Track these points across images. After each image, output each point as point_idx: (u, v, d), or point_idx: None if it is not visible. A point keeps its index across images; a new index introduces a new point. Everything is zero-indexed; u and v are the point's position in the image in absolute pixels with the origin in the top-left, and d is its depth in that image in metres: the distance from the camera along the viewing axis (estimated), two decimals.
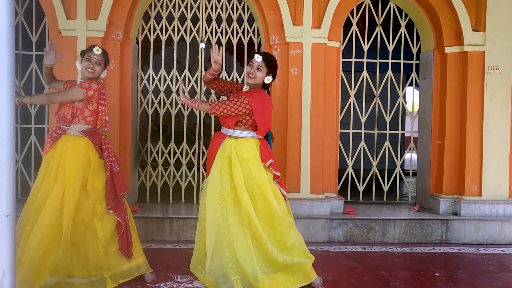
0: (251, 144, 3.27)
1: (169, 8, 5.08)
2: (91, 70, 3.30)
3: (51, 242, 3.06)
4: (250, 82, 3.30)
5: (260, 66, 3.26)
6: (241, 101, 3.19)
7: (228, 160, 3.25)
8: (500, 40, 4.76)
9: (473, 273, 3.76)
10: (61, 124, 3.29)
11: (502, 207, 4.79)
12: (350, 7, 4.95)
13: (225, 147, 3.29)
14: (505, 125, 4.80)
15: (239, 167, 3.20)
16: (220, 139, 3.35)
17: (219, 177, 3.24)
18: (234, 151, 3.24)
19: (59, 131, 3.29)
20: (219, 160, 3.27)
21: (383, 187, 5.37)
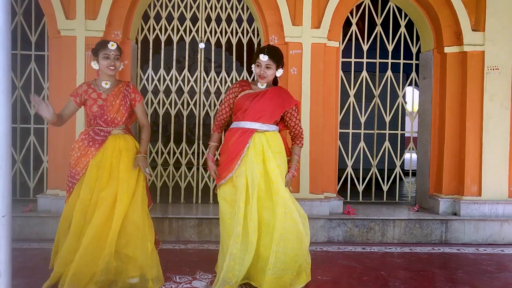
0: (280, 138, 3.31)
1: (168, 8, 5.07)
2: (113, 67, 3.28)
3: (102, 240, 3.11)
4: (263, 82, 3.29)
5: (269, 64, 3.24)
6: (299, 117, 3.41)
7: (262, 156, 3.19)
8: (500, 40, 4.76)
9: (473, 273, 3.76)
10: (103, 127, 3.31)
11: (502, 207, 4.78)
12: (349, 7, 4.94)
13: (256, 142, 3.20)
14: (504, 125, 4.79)
15: (273, 161, 3.18)
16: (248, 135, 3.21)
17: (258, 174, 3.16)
18: (266, 145, 3.21)
19: (103, 133, 3.31)
20: (254, 157, 3.17)
21: (383, 187, 5.37)
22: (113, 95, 3.32)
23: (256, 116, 3.22)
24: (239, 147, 3.19)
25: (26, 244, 4.24)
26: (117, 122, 3.33)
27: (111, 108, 3.30)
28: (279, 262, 3.05)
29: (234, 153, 3.20)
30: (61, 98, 4.60)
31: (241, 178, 3.16)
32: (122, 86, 3.38)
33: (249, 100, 3.25)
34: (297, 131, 3.39)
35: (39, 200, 4.64)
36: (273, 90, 3.31)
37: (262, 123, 3.23)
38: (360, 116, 5.30)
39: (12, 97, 4.93)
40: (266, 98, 3.24)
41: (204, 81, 5.18)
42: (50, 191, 4.67)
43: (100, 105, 3.29)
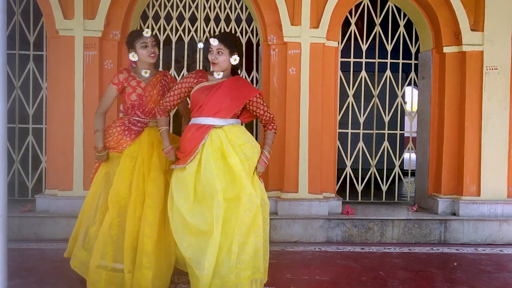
0: (241, 129, 3.13)
1: (167, 8, 5.06)
2: (153, 54, 3.26)
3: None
4: (216, 69, 3.08)
5: (220, 49, 3.03)
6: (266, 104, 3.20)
7: (220, 152, 3.01)
8: (499, 40, 4.75)
9: (471, 273, 3.75)
10: (141, 117, 3.26)
11: (501, 207, 4.78)
12: (348, 6, 4.93)
13: (213, 139, 3.01)
14: (503, 125, 4.79)
15: (235, 156, 2.99)
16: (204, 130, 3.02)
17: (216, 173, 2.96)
18: (225, 140, 3.01)
19: (140, 124, 3.26)
20: (210, 155, 2.98)
21: (382, 187, 5.36)
22: (151, 85, 3.27)
23: (212, 111, 3.00)
24: (193, 143, 2.99)
25: (24, 245, 4.23)
26: (155, 113, 3.25)
27: (150, 99, 3.25)
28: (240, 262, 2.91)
29: (188, 150, 3.00)
30: (59, 98, 4.61)
31: (190, 175, 2.98)
32: (160, 76, 3.34)
33: (205, 94, 3.02)
34: (267, 117, 3.18)
35: (38, 200, 4.64)
36: (229, 81, 3.07)
37: (219, 118, 3.01)
38: (359, 116, 5.29)
39: (11, 97, 4.93)
40: (223, 91, 3.02)
41: None
42: (49, 191, 4.66)
43: (139, 94, 3.25)
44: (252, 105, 3.13)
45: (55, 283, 3.30)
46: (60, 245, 4.24)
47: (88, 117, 4.50)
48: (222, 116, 3.02)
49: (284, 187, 4.69)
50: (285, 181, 4.64)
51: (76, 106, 4.52)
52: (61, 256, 3.70)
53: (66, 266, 3.37)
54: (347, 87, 5.25)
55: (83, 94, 4.52)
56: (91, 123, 4.47)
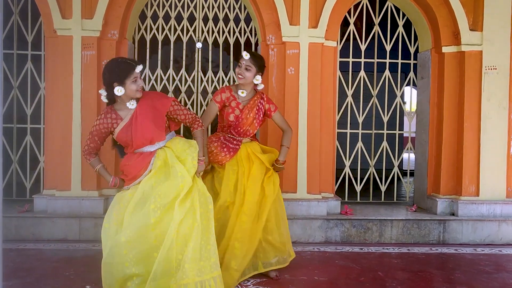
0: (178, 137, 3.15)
1: (165, 8, 5.05)
2: (241, 76, 3.36)
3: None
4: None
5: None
6: (184, 107, 3.19)
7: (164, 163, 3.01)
8: (498, 40, 4.75)
9: (470, 274, 3.75)
10: (235, 136, 3.44)
11: (500, 207, 4.78)
12: (347, 6, 4.93)
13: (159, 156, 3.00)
14: (502, 125, 4.78)
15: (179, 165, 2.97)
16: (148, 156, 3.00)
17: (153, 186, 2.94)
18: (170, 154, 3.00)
19: (235, 142, 3.44)
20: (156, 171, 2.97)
21: (381, 187, 5.36)
22: (248, 108, 3.43)
23: (146, 142, 2.96)
24: (137, 168, 2.97)
25: (22, 245, 4.22)
26: (250, 134, 3.48)
27: (245, 121, 3.40)
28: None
29: (133, 174, 2.97)
30: (57, 98, 4.60)
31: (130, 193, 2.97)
32: (257, 99, 3.47)
33: (129, 133, 2.94)
34: (189, 119, 3.14)
35: (35, 201, 4.63)
36: (140, 108, 2.95)
37: (158, 142, 2.99)
38: (358, 116, 5.29)
39: (9, 97, 4.92)
40: (142, 122, 2.92)
41: (202, 81, 5.16)
42: (47, 192, 4.65)
43: (237, 115, 3.40)
44: (172, 114, 3.07)
45: (53, 284, 3.29)
46: (58, 245, 4.24)
47: (86, 117, 4.49)
48: (157, 140, 2.98)
49: (282, 187, 4.65)
50: (284, 181, 4.63)
51: (74, 106, 4.50)
52: (59, 257, 3.70)
53: (64, 266, 3.37)
54: (346, 87, 5.24)
55: (81, 94, 4.51)
56: (89, 123, 4.48)
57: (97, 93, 4.50)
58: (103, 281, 2.85)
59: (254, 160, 3.44)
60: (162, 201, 2.84)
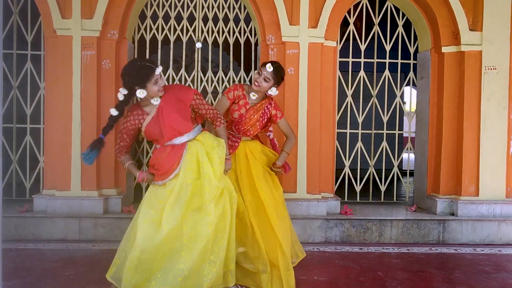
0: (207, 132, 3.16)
1: (165, 8, 5.05)
2: (257, 84, 3.38)
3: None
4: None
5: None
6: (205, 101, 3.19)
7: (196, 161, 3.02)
8: (497, 40, 4.75)
9: (470, 274, 3.75)
10: (235, 133, 3.47)
11: (499, 207, 4.78)
12: (347, 6, 4.93)
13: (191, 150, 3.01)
14: (502, 125, 4.78)
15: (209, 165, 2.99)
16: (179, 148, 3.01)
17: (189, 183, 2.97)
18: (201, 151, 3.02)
19: (235, 139, 3.47)
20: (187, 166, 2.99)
21: (380, 187, 5.36)
22: (254, 110, 3.44)
23: (176, 134, 2.97)
24: (171, 162, 2.97)
25: (22, 245, 4.22)
26: (249, 134, 3.48)
27: (248, 121, 3.42)
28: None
29: (166, 168, 2.96)
30: (57, 98, 4.60)
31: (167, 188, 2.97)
32: (265, 103, 3.49)
33: (158, 126, 2.96)
34: (210, 114, 3.13)
35: (35, 200, 4.62)
36: (164, 102, 2.97)
37: (188, 133, 3.01)
38: (357, 116, 5.29)
39: (8, 97, 4.92)
40: (168, 115, 2.94)
41: (201, 81, 5.16)
42: (46, 191, 4.65)
43: (242, 114, 3.41)
44: (194, 107, 3.08)
45: (52, 284, 3.29)
46: (57, 245, 4.24)
47: (86, 117, 4.50)
48: (185, 131, 2.99)
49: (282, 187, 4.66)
50: (284, 181, 4.61)
51: (74, 106, 4.50)
52: (59, 257, 3.70)
53: (64, 266, 3.37)
54: (345, 87, 5.24)
55: (81, 93, 4.51)
56: (89, 123, 4.49)
57: (97, 93, 4.54)
58: (125, 276, 2.81)
59: (252, 159, 3.43)
60: (194, 200, 2.91)
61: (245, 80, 5.20)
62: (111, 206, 4.64)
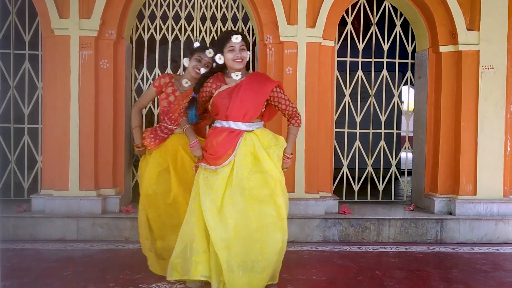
0: (267, 130, 3.15)
1: (163, 7, 5.05)
2: (198, 71, 3.32)
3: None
4: (240, 66, 3.03)
5: (243, 46, 3.02)
6: (287, 96, 3.15)
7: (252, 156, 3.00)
8: (495, 40, 4.76)
9: (467, 273, 3.76)
10: (168, 124, 3.41)
11: (497, 206, 4.79)
12: (345, 6, 4.93)
13: (247, 143, 2.99)
14: (499, 124, 4.79)
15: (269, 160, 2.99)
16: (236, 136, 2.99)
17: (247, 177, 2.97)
18: (258, 144, 3.00)
19: (166, 130, 3.40)
20: (243, 158, 2.98)
21: (378, 187, 5.37)
22: (184, 96, 3.38)
23: (240, 116, 2.98)
24: (226, 147, 2.96)
25: (20, 245, 4.21)
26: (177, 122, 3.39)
27: (176, 107, 3.35)
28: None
29: (219, 153, 2.97)
30: (55, 98, 4.59)
31: (219, 176, 2.97)
32: None
33: (227, 99, 2.99)
34: (290, 111, 3.12)
35: (33, 201, 4.62)
36: (248, 80, 3.02)
37: (249, 123, 3.01)
38: (355, 115, 5.30)
39: (6, 96, 4.91)
40: (244, 92, 2.97)
41: None
42: (44, 191, 4.64)
43: (170, 101, 3.38)
44: (273, 100, 3.10)
45: (51, 284, 3.29)
46: (56, 245, 4.23)
47: (84, 116, 4.49)
48: (250, 118, 3.01)
49: None
50: None
51: (72, 106, 4.50)
52: (57, 257, 3.70)
53: (62, 266, 3.37)
54: (343, 87, 5.25)
55: (79, 94, 4.51)
56: (87, 123, 4.49)
57: (95, 93, 4.52)
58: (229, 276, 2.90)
59: (182, 154, 3.35)
60: (257, 193, 2.95)
61: None
62: (110, 206, 4.64)
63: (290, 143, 3.16)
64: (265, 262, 2.93)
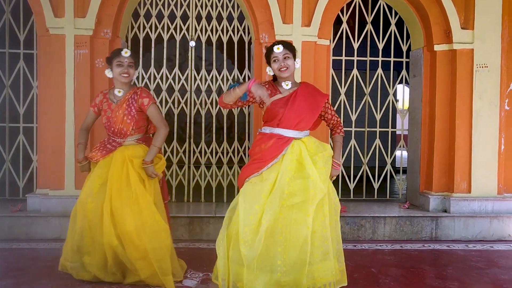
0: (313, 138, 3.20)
1: (158, 6, 5.05)
2: (126, 75, 3.27)
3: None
4: (287, 75, 3.06)
5: (287, 54, 3.06)
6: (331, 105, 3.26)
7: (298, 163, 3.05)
8: (489, 38, 4.79)
9: (462, 270, 3.78)
10: (115, 137, 3.34)
11: (491, 203, 4.82)
12: (340, 5, 4.95)
13: (294, 150, 3.05)
14: (493, 122, 4.82)
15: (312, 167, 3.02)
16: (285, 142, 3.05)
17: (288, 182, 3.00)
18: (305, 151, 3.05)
19: (114, 143, 3.34)
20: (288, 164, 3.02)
21: (374, 185, 5.39)
22: (118, 106, 3.32)
23: (293, 124, 3.05)
24: (274, 153, 3.01)
25: (16, 244, 4.20)
26: (125, 133, 3.31)
27: (116, 120, 3.30)
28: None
29: (267, 157, 3.01)
30: (50, 97, 4.58)
31: (267, 182, 2.99)
32: (129, 94, 3.34)
33: (283, 108, 3.03)
34: (334, 121, 3.29)
35: (29, 200, 4.61)
36: (302, 90, 3.11)
37: (299, 131, 3.08)
38: (351, 114, 5.32)
39: (1, 96, 4.90)
40: (300, 103, 3.06)
41: (195, 80, 5.16)
42: (40, 191, 4.63)
43: (108, 116, 3.34)
44: (323, 111, 3.23)
45: (46, 283, 3.29)
46: (51, 244, 4.22)
47: (79, 116, 4.48)
48: (302, 127, 3.09)
49: None
50: None
51: (67, 105, 4.49)
52: (53, 256, 3.69)
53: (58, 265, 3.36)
54: (339, 85, 5.26)
55: (74, 93, 4.50)
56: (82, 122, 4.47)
57: (90, 92, 4.51)
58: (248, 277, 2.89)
59: (130, 164, 3.25)
60: (292, 199, 2.95)
61: (239, 78, 5.21)
62: None
63: (337, 151, 3.26)
64: (285, 269, 2.91)
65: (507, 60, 4.87)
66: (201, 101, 5.18)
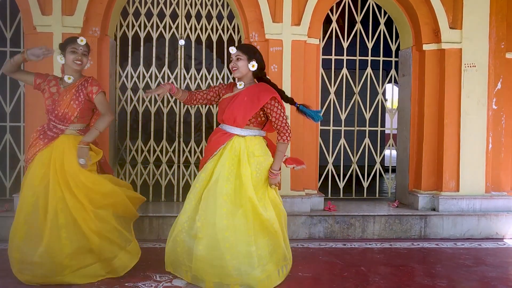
0: (261, 142, 3.32)
1: (147, 5, 5.02)
2: (79, 62, 3.31)
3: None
4: (237, 75, 3.28)
5: (238, 55, 3.25)
6: (282, 111, 3.26)
7: (237, 159, 3.19)
8: (477, 38, 4.84)
9: (451, 267, 3.82)
10: (57, 123, 3.30)
11: (479, 202, 4.87)
12: (329, 4, 4.96)
13: (234, 146, 3.22)
14: (481, 121, 4.87)
15: (247, 166, 3.16)
16: (227, 137, 3.25)
17: (227, 177, 3.15)
18: (244, 150, 3.20)
19: (56, 130, 3.29)
20: (227, 159, 3.19)
21: (363, 184, 5.41)
22: (67, 90, 3.33)
23: (231, 120, 3.23)
24: (216, 146, 3.25)
25: (2, 245, 4.14)
26: (68, 118, 3.29)
27: (62, 103, 3.28)
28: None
29: (211, 150, 3.28)
30: (37, 96, 4.51)
31: (204, 173, 3.23)
32: (80, 81, 3.36)
33: (225, 104, 3.29)
34: (278, 126, 3.24)
35: (16, 200, 4.54)
36: (249, 90, 3.26)
37: (241, 128, 3.24)
38: (340, 113, 5.33)
39: None
40: (239, 100, 3.22)
41: (185, 78, 5.14)
42: None
43: (54, 99, 3.31)
44: (267, 111, 3.26)
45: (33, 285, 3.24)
46: None
47: None
48: (241, 124, 3.21)
49: None
50: None
51: None
52: None
53: None
54: (328, 84, 5.27)
55: None
56: None
57: None
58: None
59: (68, 153, 3.25)
60: (228, 199, 3.11)
61: (228, 77, 5.20)
62: None
63: (276, 160, 3.27)
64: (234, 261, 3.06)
65: (494, 60, 4.93)
66: None
